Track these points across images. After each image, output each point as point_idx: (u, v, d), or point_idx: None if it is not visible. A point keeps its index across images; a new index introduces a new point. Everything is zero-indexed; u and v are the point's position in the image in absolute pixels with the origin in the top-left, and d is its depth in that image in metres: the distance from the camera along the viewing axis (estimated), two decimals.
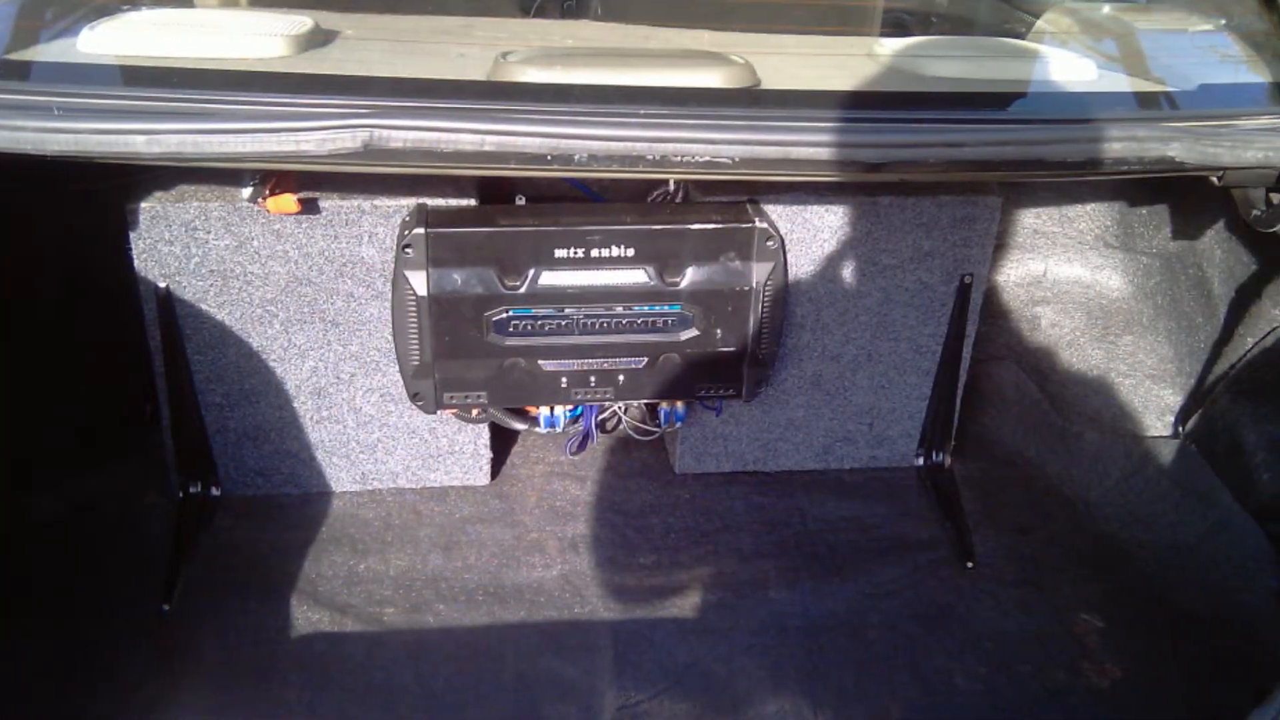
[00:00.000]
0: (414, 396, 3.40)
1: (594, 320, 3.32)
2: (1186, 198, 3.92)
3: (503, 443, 3.95)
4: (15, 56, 2.92)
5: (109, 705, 2.92)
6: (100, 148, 2.47)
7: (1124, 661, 3.24)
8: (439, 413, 3.50)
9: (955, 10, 4.69)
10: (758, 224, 3.30)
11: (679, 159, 2.62)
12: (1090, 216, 4.30)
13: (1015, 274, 4.40)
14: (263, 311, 3.36)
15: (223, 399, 3.49)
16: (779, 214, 3.42)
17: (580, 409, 3.68)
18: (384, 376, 3.53)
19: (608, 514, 3.74)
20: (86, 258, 3.44)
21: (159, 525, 3.49)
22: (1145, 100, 3.28)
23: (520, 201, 3.45)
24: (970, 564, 3.59)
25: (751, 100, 2.90)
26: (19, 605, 3.15)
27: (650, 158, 2.61)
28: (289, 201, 3.08)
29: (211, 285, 3.29)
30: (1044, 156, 2.79)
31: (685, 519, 3.74)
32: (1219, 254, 3.80)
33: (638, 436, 3.87)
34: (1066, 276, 4.38)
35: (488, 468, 3.82)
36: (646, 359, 3.42)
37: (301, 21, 3.12)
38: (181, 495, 3.57)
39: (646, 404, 3.82)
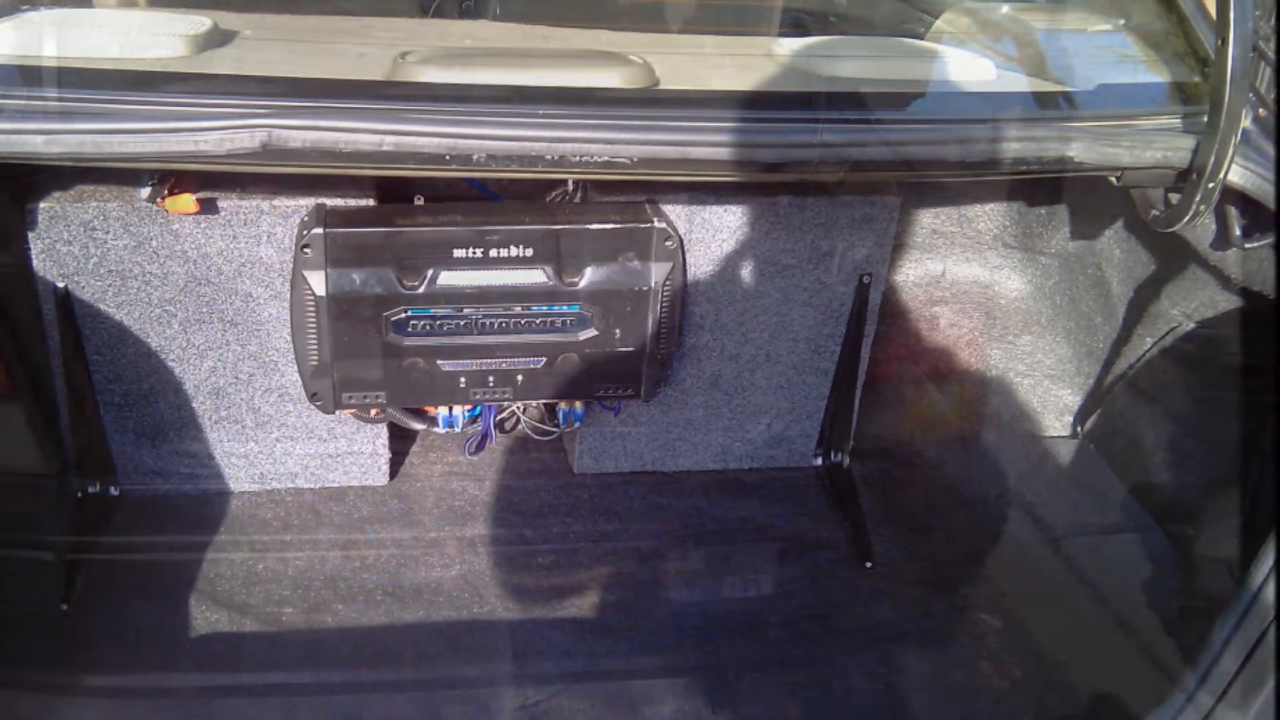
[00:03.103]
0: (312, 396, 3.38)
1: (493, 320, 3.32)
2: (1085, 198, 3.95)
3: (402, 443, 3.95)
4: None
5: (6, 705, 2.90)
6: None
7: (1023, 661, 3.28)
8: (338, 413, 3.49)
9: (854, 10, 4.70)
10: (656, 224, 3.32)
11: (577, 159, 2.62)
12: (989, 216, 4.32)
13: (914, 274, 4.42)
14: (161, 311, 3.34)
15: (121, 399, 3.47)
16: (678, 214, 3.43)
17: (479, 409, 3.68)
18: (282, 376, 3.52)
19: (506, 514, 3.74)
20: None
21: (57, 525, 3.46)
22: (1044, 100, 3.29)
23: (419, 201, 3.45)
24: (869, 564, 3.62)
25: (650, 100, 2.90)
26: None
27: (549, 158, 2.61)
28: (188, 201, 3.07)
29: (110, 285, 3.27)
30: (942, 156, 2.82)
31: (584, 519, 3.75)
32: (1118, 254, 3.84)
33: (536, 437, 3.88)
34: (965, 276, 4.41)
35: (386, 468, 3.82)
36: (545, 359, 3.42)
37: (200, 22, 3.09)
38: (80, 495, 3.55)
39: (545, 404, 3.85)
